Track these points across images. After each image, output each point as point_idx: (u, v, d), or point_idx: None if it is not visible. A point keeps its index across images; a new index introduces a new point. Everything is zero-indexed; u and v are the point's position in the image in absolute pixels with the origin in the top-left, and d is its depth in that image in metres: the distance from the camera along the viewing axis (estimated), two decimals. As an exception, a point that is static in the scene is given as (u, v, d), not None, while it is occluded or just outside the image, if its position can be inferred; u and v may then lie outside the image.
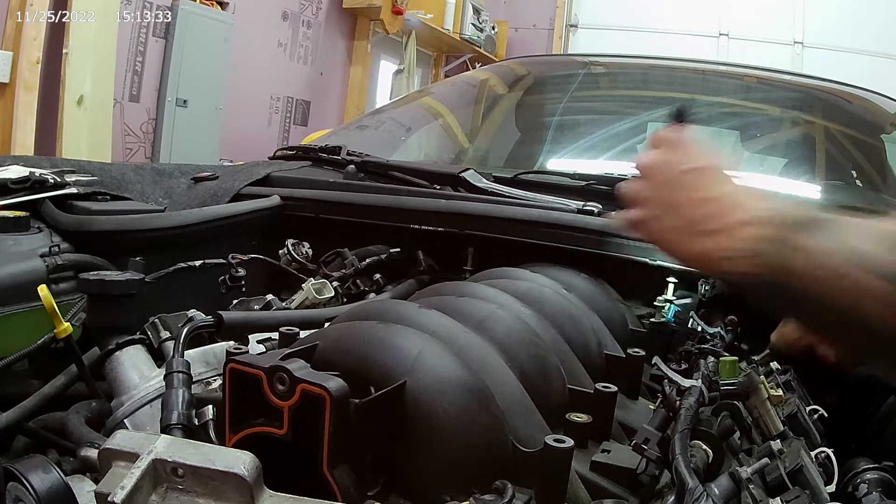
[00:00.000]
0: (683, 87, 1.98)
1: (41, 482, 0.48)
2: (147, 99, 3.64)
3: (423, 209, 1.13)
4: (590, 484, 0.56)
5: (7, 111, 2.80)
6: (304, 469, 0.47)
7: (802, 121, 1.83)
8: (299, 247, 1.15)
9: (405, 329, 0.56)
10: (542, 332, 0.69)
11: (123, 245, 0.98)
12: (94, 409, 0.69)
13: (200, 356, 0.74)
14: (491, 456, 0.51)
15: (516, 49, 6.49)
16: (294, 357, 0.50)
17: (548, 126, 1.85)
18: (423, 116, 2.01)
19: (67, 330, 0.70)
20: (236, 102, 4.12)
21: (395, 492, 0.50)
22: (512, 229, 1.07)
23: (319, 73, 5.01)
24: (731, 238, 0.58)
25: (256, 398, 0.48)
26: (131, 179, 1.24)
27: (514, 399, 0.56)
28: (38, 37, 2.79)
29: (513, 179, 1.27)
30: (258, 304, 0.94)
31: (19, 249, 0.88)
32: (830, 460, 0.68)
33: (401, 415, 0.50)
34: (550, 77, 2.17)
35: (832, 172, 1.69)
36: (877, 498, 0.64)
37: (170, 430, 0.59)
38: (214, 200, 1.22)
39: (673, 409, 0.60)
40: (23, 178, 1.00)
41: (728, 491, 0.53)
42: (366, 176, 1.33)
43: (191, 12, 3.69)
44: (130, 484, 0.39)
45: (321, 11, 4.95)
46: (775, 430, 0.70)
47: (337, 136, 1.82)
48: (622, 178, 1.22)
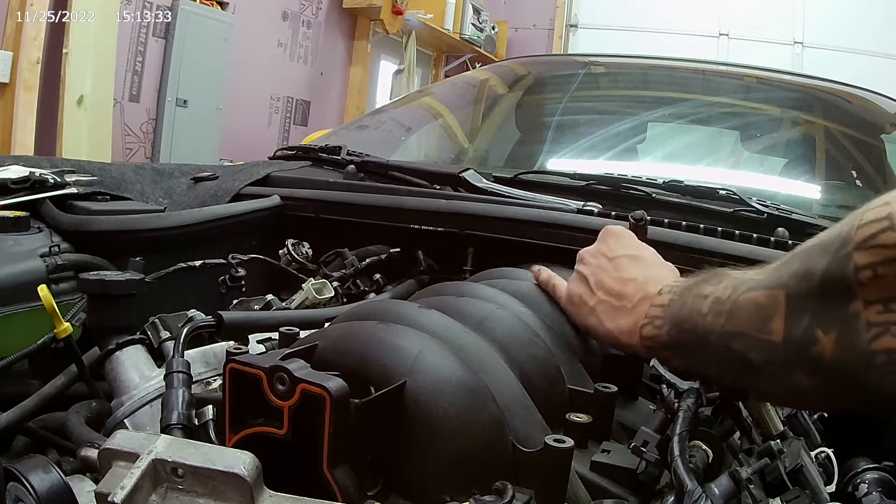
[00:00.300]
0: (683, 87, 1.98)
1: (41, 482, 0.48)
2: (147, 99, 3.64)
3: (423, 209, 1.13)
4: (590, 484, 0.56)
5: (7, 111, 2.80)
6: (304, 469, 0.47)
7: (802, 121, 1.83)
8: (299, 247, 1.15)
9: (405, 329, 0.56)
10: (542, 332, 0.69)
11: (123, 245, 0.98)
12: (94, 409, 0.69)
13: (200, 356, 0.74)
14: (491, 456, 0.51)
15: (516, 49, 6.50)
16: (294, 357, 0.50)
17: (548, 126, 1.85)
18: (423, 116, 2.01)
19: (67, 330, 0.70)
20: (236, 102, 4.12)
21: (395, 492, 0.50)
22: (512, 229, 1.07)
23: (319, 73, 5.01)
24: (644, 309, 0.65)
25: (256, 398, 0.48)
26: (131, 179, 1.24)
27: (514, 399, 0.56)
28: (38, 37, 2.79)
29: (513, 179, 1.27)
30: (258, 304, 0.94)
31: (19, 249, 0.88)
32: (830, 460, 0.68)
33: (401, 415, 0.50)
34: (550, 77, 2.17)
35: (832, 172, 1.69)
36: (877, 498, 0.64)
37: (170, 430, 0.59)
38: (214, 200, 1.22)
39: (671, 410, 0.60)
40: (23, 178, 1.00)
41: (728, 491, 0.53)
42: (366, 176, 1.33)
43: (191, 12, 3.69)
44: (130, 484, 0.39)
45: (321, 11, 4.95)
46: (775, 430, 0.70)
47: (337, 136, 1.82)
48: (622, 177, 1.22)
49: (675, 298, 0.62)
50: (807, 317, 0.48)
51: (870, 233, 0.44)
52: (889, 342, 0.44)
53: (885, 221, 0.43)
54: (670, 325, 0.61)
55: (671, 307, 0.62)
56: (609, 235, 0.75)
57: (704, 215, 1.11)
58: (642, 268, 0.70)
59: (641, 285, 0.67)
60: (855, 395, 0.48)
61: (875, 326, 0.44)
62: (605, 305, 0.70)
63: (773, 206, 1.11)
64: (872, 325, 0.44)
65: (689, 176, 1.37)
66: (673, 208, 1.14)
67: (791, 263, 0.51)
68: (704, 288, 0.58)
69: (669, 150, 1.79)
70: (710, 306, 0.56)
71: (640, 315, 0.65)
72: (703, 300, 0.57)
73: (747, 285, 0.53)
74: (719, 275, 0.58)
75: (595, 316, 0.70)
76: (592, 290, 0.71)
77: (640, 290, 0.67)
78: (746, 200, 1.11)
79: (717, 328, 0.55)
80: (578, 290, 0.73)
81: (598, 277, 0.71)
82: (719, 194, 1.14)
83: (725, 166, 1.70)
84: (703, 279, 0.60)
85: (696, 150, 1.80)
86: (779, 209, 1.10)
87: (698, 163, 1.70)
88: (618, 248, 0.73)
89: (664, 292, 0.64)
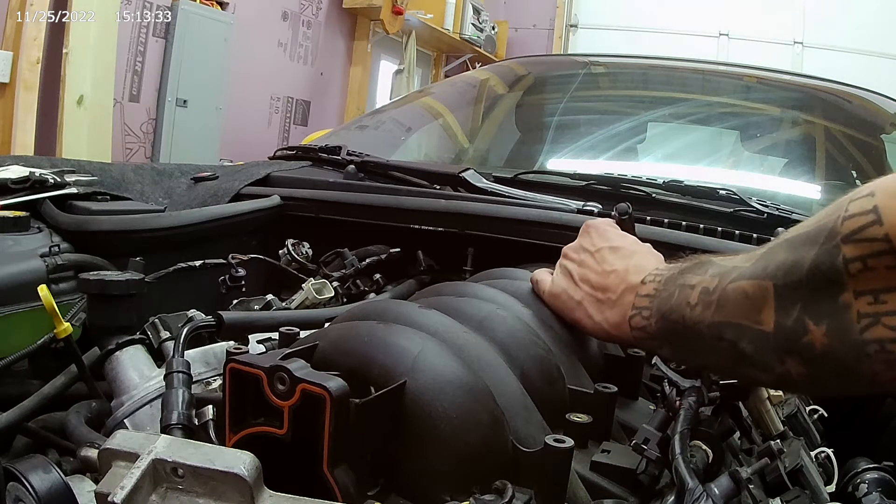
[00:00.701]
0: (683, 87, 1.98)
1: (41, 482, 0.48)
2: (147, 99, 3.65)
3: (423, 209, 1.13)
4: (590, 484, 0.56)
5: (7, 111, 2.80)
6: (304, 469, 0.47)
7: (802, 121, 1.83)
8: (299, 247, 1.15)
9: (405, 329, 0.56)
10: (542, 332, 0.69)
11: (123, 245, 0.98)
12: (94, 409, 0.69)
13: (200, 356, 0.74)
14: (491, 456, 0.51)
15: (516, 49, 6.50)
16: (294, 357, 0.50)
17: (548, 126, 1.85)
18: (423, 116, 2.01)
19: (67, 330, 0.70)
20: (236, 102, 4.12)
21: (395, 492, 0.50)
22: (512, 229, 1.07)
23: (319, 73, 5.01)
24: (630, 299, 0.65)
25: (256, 398, 0.48)
26: (131, 179, 1.24)
27: (515, 399, 0.56)
28: (38, 37, 2.79)
29: (513, 179, 1.27)
30: (258, 304, 0.94)
31: (19, 249, 0.88)
32: (830, 460, 0.68)
33: (401, 415, 0.50)
34: (550, 77, 2.17)
35: (832, 172, 1.69)
36: (877, 498, 0.65)
37: (170, 430, 0.59)
38: (214, 200, 1.22)
39: (672, 409, 0.60)
40: (23, 178, 1.00)
41: (728, 491, 0.53)
42: (366, 176, 1.33)
43: (191, 12, 3.69)
44: (130, 484, 0.39)
45: (321, 11, 4.95)
46: (775, 430, 0.70)
47: (337, 136, 1.82)
48: (622, 177, 1.22)
49: (660, 288, 0.62)
50: (796, 308, 0.48)
51: (857, 225, 0.44)
52: (881, 332, 0.44)
53: (872, 215, 0.44)
54: (658, 316, 0.61)
55: (658, 297, 0.62)
56: (590, 229, 0.75)
57: (704, 215, 1.11)
58: (623, 258, 0.70)
59: (623, 276, 0.67)
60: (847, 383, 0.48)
61: (866, 317, 0.45)
62: (590, 299, 0.70)
63: (773, 206, 1.11)
64: (863, 316, 0.45)
65: (689, 176, 1.38)
66: (673, 208, 1.14)
67: (777, 253, 0.51)
68: (690, 277, 0.58)
69: (669, 150, 1.79)
70: (699, 297, 0.56)
71: (627, 306, 0.65)
72: (690, 290, 0.57)
73: (734, 274, 0.53)
74: (704, 262, 0.59)
75: (582, 310, 0.70)
76: (577, 284, 0.71)
77: (622, 281, 0.67)
78: (746, 200, 1.11)
79: (707, 318, 0.55)
80: (563, 285, 0.73)
81: (581, 271, 0.72)
82: (719, 194, 1.14)
83: (725, 166, 1.70)
84: (686, 267, 0.60)
85: (696, 150, 1.80)
86: (779, 209, 1.10)
87: (698, 163, 1.70)
88: (599, 241, 0.73)
89: (647, 281, 0.64)
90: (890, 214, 0.43)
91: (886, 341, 0.44)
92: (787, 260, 0.49)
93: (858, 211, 0.45)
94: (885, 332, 0.44)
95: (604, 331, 0.68)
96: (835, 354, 0.47)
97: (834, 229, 0.46)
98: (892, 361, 0.45)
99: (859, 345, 0.45)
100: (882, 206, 0.43)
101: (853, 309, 0.45)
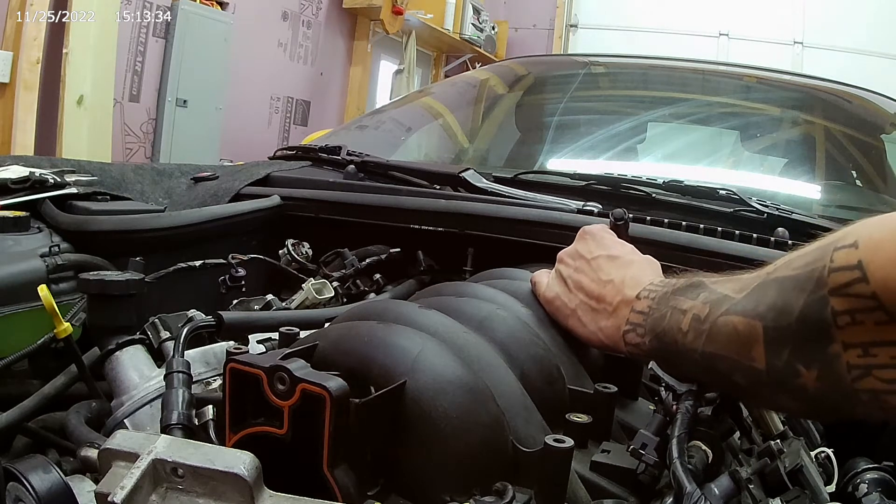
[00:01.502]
0: (683, 87, 1.98)
1: (41, 482, 0.48)
2: (147, 99, 3.65)
3: (423, 209, 1.13)
4: (590, 484, 0.56)
5: (7, 111, 2.80)
6: (304, 469, 0.47)
7: (802, 121, 1.83)
8: (299, 247, 1.15)
9: (405, 329, 0.56)
10: (542, 332, 0.69)
11: (123, 245, 0.98)
12: (94, 409, 0.69)
13: (200, 356, 0.74)
14: (491, 456, 0.51)
15: (516, 49, 6.50)
16: (294, 357, 0.50)
17: (548, 126, 1.85)
18: (423, 116, 2.01)
19: (67, 330, 0.70)
20: (236, 102, 4.12)
21: (395, 492, 0.50)
22: (512, 229, 1.07)
23: (319, 73, 5.01)
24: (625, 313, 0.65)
25: (256, 398, 0.48)
26: (131, 179, 1.24)
27: (515, 399, 0.56)
28: (38, 37, 2.79)
29: (513, 179, 1.27)
30: (258, 304, 0.94)
31: (19, 249, 0.88)
32: (830, 460, 0.68)
33: (401, 415, 0.50)
34: (550, 77, 2.17)
35: (832, 172, 1.69)
36: (877, 498, 0.64)
37: (170, 430, 0.59)
38: (214, 200, 1.22)
39: (669, 413, 0.60)
40: (23, 178, 1.00)
41: (728, 491, 0.53)
42: (366, 176, 1.33)
43: (191, 12, 3.69)
44: (130, 484, 0.39)
45: (321, 11, 4.95)
46: (775, 430, 0.70)
47: (337, 136, 1.82)
48: (622, 177, 1.22)
49: (653, 307, 0.62)
50: (786, 351, 0.48)
51: (843, 281, 0.43)
52: (872, 383, 0.44)
53: (857, 271, 0.42)
54: (651, 336, 0.61)
55: (651, 315, 0.61)
56: (587, 235, 0.74)
57: (704, 215, 1.11)
58: (620, 267, 0.69)
59: (619, 287, 0.67)
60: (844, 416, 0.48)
61: (856, 368, 0.44)
62: (584, 307, 0.69)
63: (773, 206, 1.11)
64: (853, 367, 0.44)
65: (689, 176, 1.38)
66: (673, 208, 1.14)
67: (767, 291, 0.50)
68: (682, 301, 0.58)
69: (669, 150, 1.79)
70: (690, 324, 0.55)
71: (622, 319, 0.65)
72: (682, 315, 0.56)
73: (725, 306, 0.53)
74: (696, 285, 0.58)
75: (576, 317, 0.70)
76: (571, 291, 0.71)
77: (618, 292, 0.66)
78: (746, 200, 1.11)
79: (699, 347, 0.54)
80: (557, 290, 0.73)
81: (576, 279, 0.71)
82: (719, 194, 1.14)
83: (725, 166, 1.70)
84: (679, 288, 0.60)
85: (695, 150, 1.80)
86: (779, 209, 1.10)
87: (698, 163, 1.70)
88: (596, 249, 0.72)
89: (642, 297, 0.64)
90: (875, 270, 0.42)
91: (880, 392, 0.44)
92: (776, 302, 0.48)
93: (844, 264, 0.43)
94: (877, 384, 0.44)
95: (598, 339, 0.68)
96: (827, 398, 0.47)
97: (821, 279, 0.45)
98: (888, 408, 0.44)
99: (852, 392, 0.45)
100: (866, 262, 0.42)
101: (843, 360, 0.44)
